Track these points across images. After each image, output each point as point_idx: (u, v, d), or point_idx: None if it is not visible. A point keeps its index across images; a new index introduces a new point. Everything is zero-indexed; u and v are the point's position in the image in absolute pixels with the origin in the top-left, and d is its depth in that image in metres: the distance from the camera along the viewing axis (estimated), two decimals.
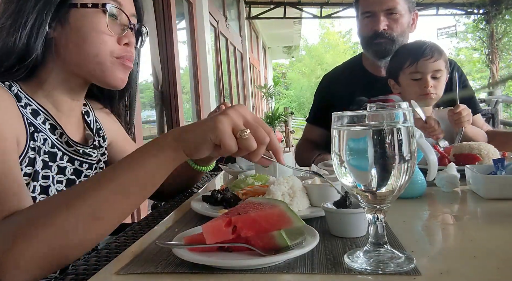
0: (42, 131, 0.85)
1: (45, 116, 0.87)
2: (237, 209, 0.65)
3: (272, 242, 0.60)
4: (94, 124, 1.03)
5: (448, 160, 1.20)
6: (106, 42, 0.86)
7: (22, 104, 0.83)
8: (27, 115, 0.83)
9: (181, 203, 1.07)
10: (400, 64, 1.50)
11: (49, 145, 0.86)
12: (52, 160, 0.86)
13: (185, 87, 5.09)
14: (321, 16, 11.36)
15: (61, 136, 0.90)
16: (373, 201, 0.57)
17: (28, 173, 0.80)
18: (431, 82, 1.45)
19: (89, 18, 0.84)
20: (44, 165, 0.83)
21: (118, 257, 0.66)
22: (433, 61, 1.44)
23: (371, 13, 1.65)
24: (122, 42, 0.89)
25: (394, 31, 1.64)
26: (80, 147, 0.93)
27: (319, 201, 0.84)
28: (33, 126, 0.83)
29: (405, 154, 0.54)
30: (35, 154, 0.81)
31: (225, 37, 7.84)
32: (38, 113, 0.86)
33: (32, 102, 0.86)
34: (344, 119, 0.57)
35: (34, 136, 0.82)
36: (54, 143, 0.87)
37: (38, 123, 0.85)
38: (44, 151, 0.84)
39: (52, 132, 0.88)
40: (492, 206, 0.87)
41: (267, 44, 18.46)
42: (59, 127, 0.89)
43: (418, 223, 0.82)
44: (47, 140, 0.85)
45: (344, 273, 0.56)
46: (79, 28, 0.84)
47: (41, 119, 0.86)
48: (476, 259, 0.58)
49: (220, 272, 0.57)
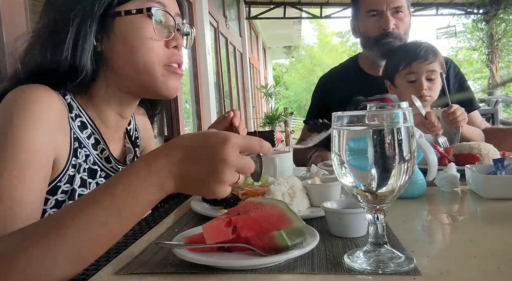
0: (85, 146, 0.83)
1: (92, 130, 0.85)
2: (237, 209, 0.65)
3: (272, 242, 0.60)
4: (134, 132, 1.01)
5: (448, 160, 1.20)
6: (153, 48, 0.82)
7: (73, 116, 0.81)
8: (75, 128, 0.81)
9: (181, 203, 1.07)
10: (396, 66, 1.50)
11: (90, 162, 0.84)
12: (92, 177, 0.84)
13: (185, 87, 5.09)
14: (321, 16, 11.36)
15: (102, 151, 0.88)
16: (373, 201, 0.57)
17: (65, 191, 0.78)
18: (426, 84, 1.45)
19: (134, 25, 0.81)
20: (82, 183, 0.81)
21: (118, 257, 0.67)
22: (427, 63, 1.44)
23: (378, 11, 1.62)
24: (170, 45, 0.85)
25: (400, 30, 1.62)
26: (120, 165, 0.91)
27: (319, 201, 0.84)
28: (78, 142, 0.81)
29: (405, 154, 0.54)
30: (74, 171, 0.79)
31: (225, 37, 7.84)
32: (85, 126, 0.84)
33: (83, 113, 0.84)
34: (344, 119, 0.57)
35: (77, 152, 0.80)
36: (95, 159, 0.85)
37: (84, 138, 0.83)
38: (84, 168, 0.82)
39: (95, 148, 0.86)
40: (492, 206, 0.87)
41: (267, 44, 18.47)
42: (103, 142, 0.87)
43: (418, 223, 0.82)
44: (89, 156, 0.83)
45: (344, 273, 0.56)
46: (125, 37, 0.80)
47: (87, 133, 0.84)
48: (476, 259, 0.58)
49: (220, 272, 0.57)
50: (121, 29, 0.81)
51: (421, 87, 1.44)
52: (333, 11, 11.41)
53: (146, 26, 0.81)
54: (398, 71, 1.49)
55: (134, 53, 0.81)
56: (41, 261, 0.55)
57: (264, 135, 2.29)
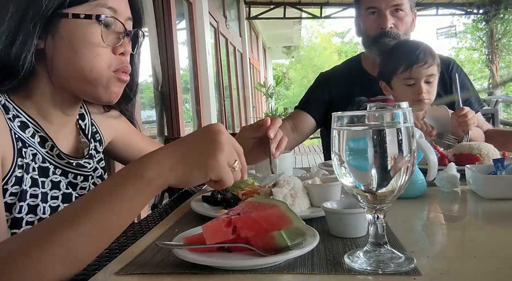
0: (31, 145, 0.80)
1: (34, 129, 0.82)
2: (237, 209, 0.65)
3: (272, 242, 0.60)
4: (90, 127, 0.98)
5: (448, 160, 1.20)
6: (101, 55, 0.80)
7: (10, 116, 0.78)
8: (15, 129, 0.78)
9: (181, 203, 1.07)
10: (393, 68, 1.47)
11: (39, 160, 0.81)
12: (44, 175, 0.81)
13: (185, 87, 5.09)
14: (321, 16, 11.36)
15: (51, 149, 0.85)
16: (373, 201, 0.57)
17: (14, 193, 0.75)
18: (425, 87, 1.43)
19: (81, 29, 0.78)
20: (33, 183, 0.78)
21: (118, 257, 0.67)
22: (427, 67, 1.42)
23: (376, 9, 1.60)
24: (118, 52, 0.83)
25: (399, 29, 1.61)
26: (73, 159, 0.88)
27: (319, 201, 0.83)
28: (21, 141, 0.78)
29: (405, 154, 0.54)
30: (22, 172, 0.76)
31: (225, 38, 7.83)
32: (27, 125, 0.81)
33: (21, 113, 0.81)
34: (344, 119, 0.57)
35: (22, 152, 0.77)
36: (44, 157, 0.83)
37: (27, 137, 0.80)
38: (33, 167, 0.79)
39: (42, 146, 0.83)
40: (492, 206, 0.87)
41: (267, 44, 18.46)
42: (50, 139, 0.84)
43: (418, 223, 0.82)
44: (36, 155, 0.81)
45: (344, 273, 0.56)
46: (70, 40, 0.78)
47: (30, 132, 0.81)
48: (476, 259, 0.58)
49: (220, 273, 0.57)
50: (67, 31, 0.78)
51: (420, 91, 1.42)
52: (333, 11, 11.41)
53: (95, 32, 0.79)
54: (396, 73, 1.46)
55: (80, 58, 0.79)
56: (38, 264, 0.55)
57: None
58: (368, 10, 1.63)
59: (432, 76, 1.44)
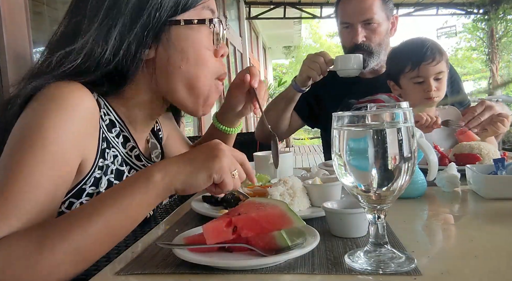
0: (114, 146, 0.80)
1: (120, 128, 0.82)
2: (238, 210, 0.65)
3: (273, 242, 0.60)
4: (154, 125, 0.98)
5: (448, 160, 1.20)
6: (210, 61, 0.79)
7: (102, 114, 0.77)
8: (104, 128, 0.78)
9: (181, 203, 1.07)
10: (401, 67, 1.46)
11: (118, 162, 0.81)
12: (119, 178, 0.81)
13: None
14: (321, 16, 11.36)
15: (132, 149, 0.85)
16: (374, 201, 0.57)
17: (90, 194, 0.75)
18: (434, 85, 1.41)
19: (194, 35, 0.77)
20: (109, 185, 0.78)
21: (118, 257, 0.66)
22: (435, 64, 1.40)
23: (349, 24, 1.67)
24: (219, 54, 0.81)
25: (372, 41, 1.66)
26: (150, 162, 0.89)
27: (319, 201, 0.83)
28: (106, 142, 0.78)
29: (405, 154, 0.54)
30: (101, 173, 0.77)
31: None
32: (114, 124, 0.81)
33: (111, 111, 0.80)
34: (344, 119, 0.57)
35: (105, 153, 0.77)
36: (124, 158, 0.83)
37: (112, 136, 0.80)
38: (111, 170, 0.79)
39: (124, 146, 0.83)
40: (492, 206, 0.87)
41: (267, 44, 18.45)
42: (132, 140, 0.85)
43: (419, 223, 0.82)
44: (117, 156, 0.81)
45: (345, 273, 0.55)
46: (184, 48, 0.77)
47: (116, 131, 0.81)
48: (477, 259, 0.58)
49: (220, 273, 0.57)
50: (179, 39, 0.76)
51: (429, 89, 1.40)
52: (333, 11, 11.40)
53: (206, 36, 0.78)
54: (404, 72, 1.45)
55: (190, 64, 0.77)
56: (48, 261, 0.57)
57: None
58: (342, 25, 1.71)
59: (441, 73, 1.42)
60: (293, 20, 13.41)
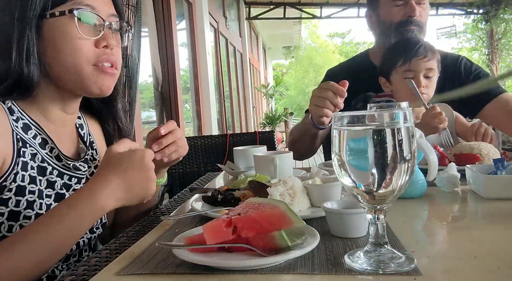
0: (32, 146, 0.84)
1: (36, 130, 0.87)
2: (238, 210, 0.65)
3: (273, 242, 0.60)
4: (88, 137, 1.02)
5: (448, 160, 1.20)
6: (82, 49, 0.84)
7: (14, 118, 0.83)
8: (17, 130, 0.82)
9: (181, 204, 1.07)
10: (393, 62, 1.48)
11: (39, 160, 0.85)
12: (41, 174, 0.85)
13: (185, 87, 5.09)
14: (321, 16, 11.37)
15: (51, 150, 0.89)
16: (374, 201, 0.57)
17: (10, 189, 0.79)
18: (424, 81, 1.43)
19: (60, 27, 0.83)
20: (31, 180, 0.82)
21: (118, 258, 0.67)
22: (426, 60, 1.43)
23: (403, 0, 1.63)
24: (100, 45, 0.86)
25: (423, 20, 1.64)
26: (70, 161, 0.92)
27: (319, 201, 0.83)
28: (22, 141, 0.82)
29: (405, 154, 0.54)
30: (20, 170, 0.81)
31: (225, 38, 7.84)
32: (29, 127, 0.86)
33: (24, 116, 0.86)
34: (344, 119, 0.57)
35: (21, 152, 0.82)
36: (44, 157, 0.87)
37: (28, 138, 0.84)
38: (31, 166, 0.83)
39: (43, 147, 0.88)
40: (492, 206, 0.87)
41: (267, 45, 18.47)
42: (50, 141, 0.89)
43: (419, 223, 0.82)
44: (36, 155, 0.85)
45: (345, 273, 0.56)
46: (53, 39, 0.83)
47: (32, 133, 0.86)
48: (477, 259, 0.58)
49: (220, 273, 0.57)
50: (49, 31, 0.83)
51: (419, 85, 1.42)
52: (333, 11, 11.40)
53: (72, 27, 0.83)
54: (396, 67, 1.47)
55: (63, 54, 0.83)
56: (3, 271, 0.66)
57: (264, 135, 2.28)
58: (394, 2, 1.65)
59: (432, 71, 1.44)
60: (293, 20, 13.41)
